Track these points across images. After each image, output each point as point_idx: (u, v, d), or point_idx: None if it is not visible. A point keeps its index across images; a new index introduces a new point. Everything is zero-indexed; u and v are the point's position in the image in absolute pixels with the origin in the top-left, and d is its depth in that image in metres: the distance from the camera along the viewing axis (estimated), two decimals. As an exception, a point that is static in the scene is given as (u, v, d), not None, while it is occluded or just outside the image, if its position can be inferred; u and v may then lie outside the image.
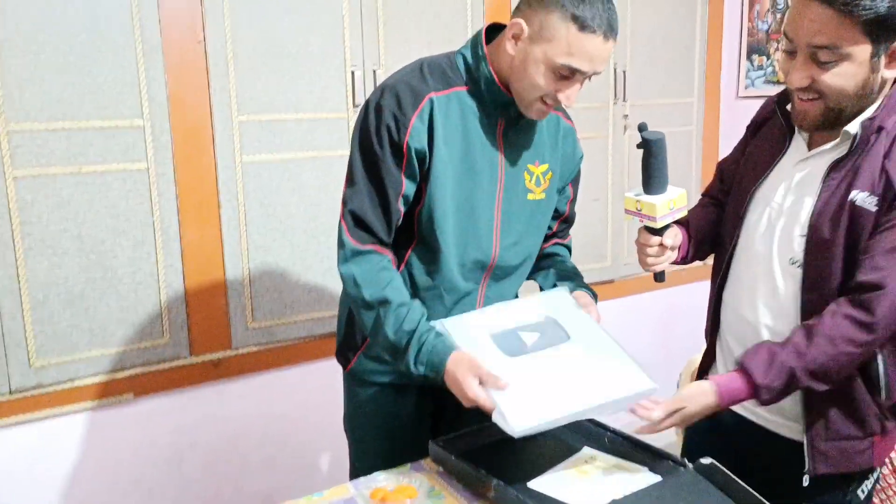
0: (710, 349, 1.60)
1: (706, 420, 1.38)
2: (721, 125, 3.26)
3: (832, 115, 1.30)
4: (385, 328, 1.39)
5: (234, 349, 2.28)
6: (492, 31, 1.46)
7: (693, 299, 2.52)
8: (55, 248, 1.99)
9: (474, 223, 1.47)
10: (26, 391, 2.00)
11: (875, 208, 1.26)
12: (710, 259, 1.63)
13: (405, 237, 1.48)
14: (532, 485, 1.31)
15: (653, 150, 1.40)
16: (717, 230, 1.59)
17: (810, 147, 1.40)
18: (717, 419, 1.41)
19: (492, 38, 1.45)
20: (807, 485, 1.38)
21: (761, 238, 1.42)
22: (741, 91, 3.23)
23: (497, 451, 1.42)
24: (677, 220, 1.48)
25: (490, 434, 1.42)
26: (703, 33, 3.14)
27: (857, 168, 1.29)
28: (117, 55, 2.00)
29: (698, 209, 1.64)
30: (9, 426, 2.00)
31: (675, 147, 3.04)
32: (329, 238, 2.34)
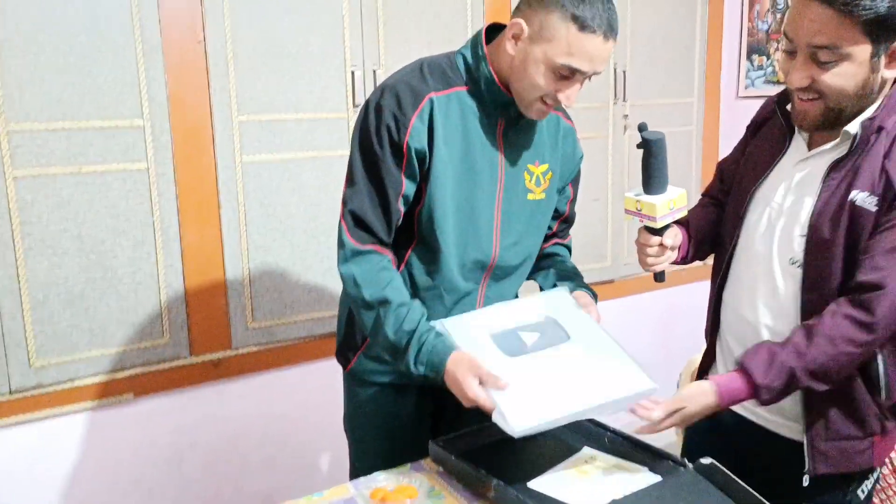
0: (710, 349, 1.59)
1: (706, 420, 1.38)
2: (721, 125, 3.26)
3: (832, 115, 1.30)
4: (385, 328, 1.39)
5: (234, 349, 2.28)
6: (492, 31, 1.46)
7: (693, 299, 2.52)
8: (55, 248, 1.99)
9: (474, 223, 1.47)
10: (26, 391, 2.00)
11: (875, 208, 1.26)
12: (710, 259, 1.62)
13: (405, 237, 1.48)
14: (532, 485, 1.31)
15: (653, 150, 1.40)
16: (717, 230, 1.59)
17: (810, 147, 1.39)
18: (717, 419, 1.41)
19: (492, 38, 1.45)
20: (807, 485, 1.38)
21: (761, 238, 1.42)
22: (741, 91, 3.23)
23: (497, 451, 1.42)
24: (677, 220, 1.48)
25: (490, 434, 1.42)
26: (703, 33, 3.13)
27: (857, 168, 1.29)
28: (117, 55, 2.00)
29: (698, 209, 1.64)
30: (9, 426, 2.00)
31: (674, 147, 3.03)
32: (329, 238, 2.34)
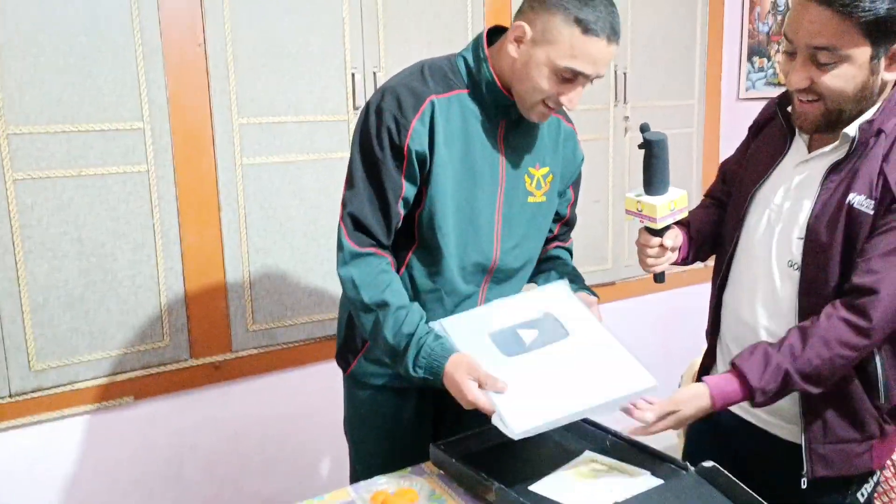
0: (710, 350, 1.59)
1: (707, 422, 1.38)
2: (722, 127, 3.26)
3: (832, 116, 1.30)
4: (384, 331, 1.39)
5: (234, 352, 2.28)
6: (493, 33, 1.46)
7: (694, 301, 2.52)
8: (55, 250, 1.99)
9: (475, 226, 1.47)
10: (26, 394, 1.99)
11: (872, 211, 1.26)
12: (711, 261, 1.62)
13: (406, 239, 1.48)
14: (533, 488, 1.31)
15: (654, 150, 1.40)
16: (718, 231, 1.58)
17: (811, 149, 1.39)
18: (716, 421, 1.40)
19: (493, 40, 1.45)
20: (805, 487, 1.37)
21: (760, 240, 1.42)
22: (742, 93, 3.23)
23: (498, 455, 1.41)
24: (678, 221, 1.48)
25: (491, 437, 1.42)
26: (704, 35, 3.13)
27: (856, 171, 1.29)
28: (117, 57, 1.99)
29: (700, 210, 1.64)
30: (9, 429, 1.99)
31: (675, 149, 3.02)
32: (329, 240, 2.34)
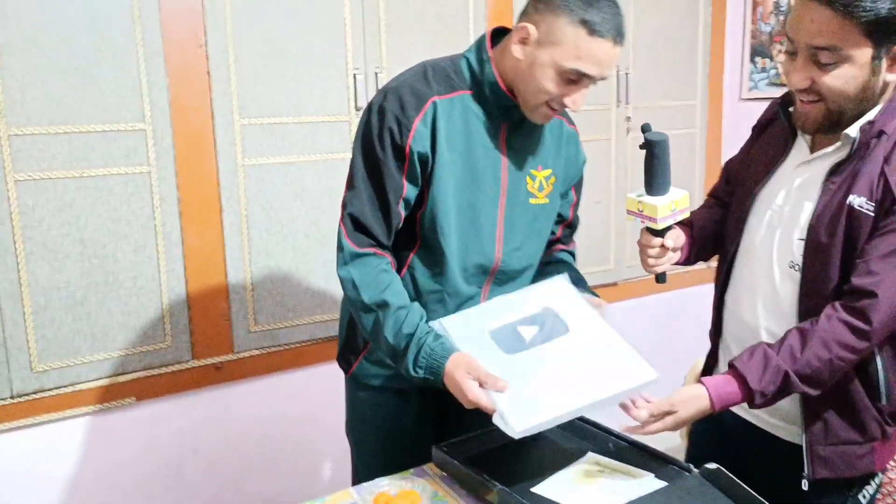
0: (713, 352, 1.59)
1: (709, 422, 1.37)
2: (724, 127, 3.25)
3: (833, 117, 1.29)
4: (384, 331, 1.39)
5: (236, 353, 2.27)
6: (496, 35, 1.46)
7: (697, 302, 2.52)
8: (57, 252, 1.98)
9: (476, 227, 1.47)
10: (28, 395, 1.99)
11: (872, 213, 1.26)
12: (714, 261, 1.62)
13: (407, 240, 1.48)
14: (536, 490, 1.30)
15: (656, 151, 1.39)
16: (720, 231, 1.58)
17: (813, 150, 1.39)
18: (718, 421, 1.40)
19: (496, 41, 1.45)
20: (806, 489, 1.37)
21: (762, 241, 1.42)
22: (744, 93, 3.22)
23: (501, 456, 1.41)
24: (680, 221, 1.47)
25: (493, 439, 1.42)
26: (706, 35, 3.13)
27: (857, 172, 1.28)
28: (119, 59, 1.99)
29: (702, 210, 1.64)
30: (10, 430, 1.99)
31: (678, 149, 3.03)
32: (331, 241, 2.32)
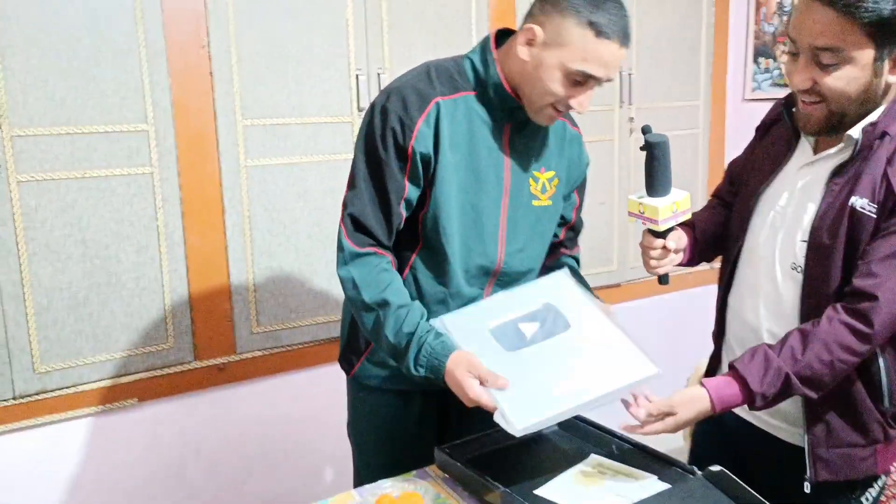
0: (716, 353, 1.58)
1: (712, 423, 1.37)
2: (727, 128, 3.25)
3: (834, 118, 1.29)
4: (385, 330, 1.38)
5: (238, 354, 2.27)
6: (500, 36, 1.46)
7: (701, 303, 2.51)
8: (59, 252, 1.98)
9: (479, 229, 1.46)
10: (30, 396, 1.99)
11: (874, 215, 1.25)
12: (717, 262, 1.61)
13: (410, 241, 1.47)
14: (539, 492, 1.30)
15: (655, 152, 1.39)
16: (723, 232, 1.57)
17: (816, 151, 1.38)
18: (721, 422, 1.39)
19: (500, 42, 1.44)
20: (808, 491, 1.36)
21: (764, 242, 1.41)
22: (747, 94, 3.21)
23: (503, 458, 1.41)
24: (683, 222, 1.47)
25: (496, 440, 1.41)
26: (710, 36, 3.12)
27: (859, 174, 1.28)
28: (121, 60, 1.99)
29: (706, 211, 1.63)
30: (13, 431, 1.99)
31: (681, 150, 3.04)
32: (334, 242, 2.31)
